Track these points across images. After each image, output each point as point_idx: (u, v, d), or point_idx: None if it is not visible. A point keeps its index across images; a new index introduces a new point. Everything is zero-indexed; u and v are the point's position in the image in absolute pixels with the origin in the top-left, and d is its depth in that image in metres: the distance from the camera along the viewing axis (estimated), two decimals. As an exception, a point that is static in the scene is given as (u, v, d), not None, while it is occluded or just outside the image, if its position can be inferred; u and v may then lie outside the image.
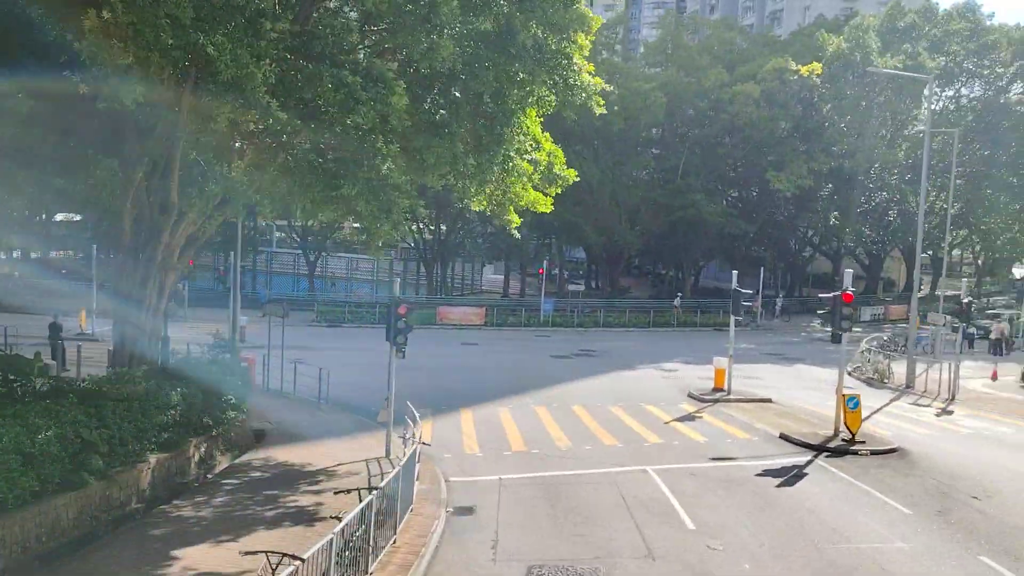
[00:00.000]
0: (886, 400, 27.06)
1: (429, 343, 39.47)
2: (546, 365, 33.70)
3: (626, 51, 56.30)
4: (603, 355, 37.39)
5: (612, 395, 26.75)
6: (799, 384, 30.82)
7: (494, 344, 40.24)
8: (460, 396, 25.95)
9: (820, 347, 43.92)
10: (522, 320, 48.23)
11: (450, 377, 29.69)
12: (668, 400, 26.05)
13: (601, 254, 60.28)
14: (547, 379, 29.72)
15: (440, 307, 47.63)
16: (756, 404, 25.28)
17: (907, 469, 17.14)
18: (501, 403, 25.05)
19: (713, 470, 17.23)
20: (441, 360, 34.01)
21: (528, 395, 26.49)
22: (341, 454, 18.68)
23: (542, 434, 20.88)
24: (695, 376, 31.56)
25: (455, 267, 62.20)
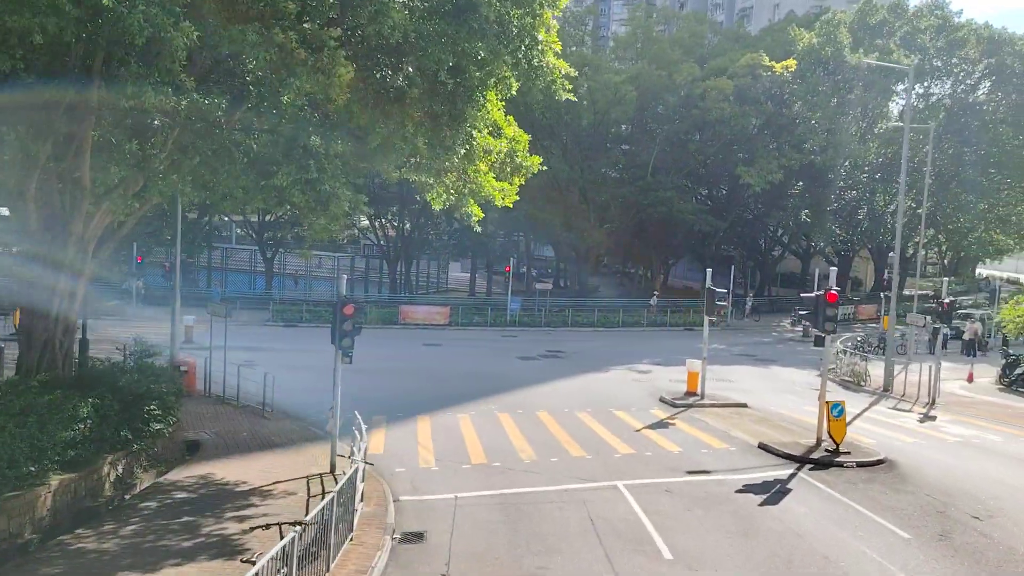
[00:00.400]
0: (865, 404, 25.94)
1: (390, 344, 37.67)
2: (512, 367, 32.12)
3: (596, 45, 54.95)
4: (571, 356, 35.92)
5: (580, 400, 25.26)
6: (773, 387, 29.65)
7: (458, 345, 38.56)
8: (419, 401, 24.28)
9: (792, 348, 43.04)
10: (488, 320, 46.60)
11: (409, 380, 27.97)
12: (639, 405, 24.63)
13: (570, 252, 58.86)
14: (512, 382, 28.14)
15: (402, 306, 45.80)
16: (731, 409, 23.96)
17: (898, 484, 15.84)
18: (462, 409, 23.41)
19: (689, 486, 15.77)
20: (401, 362, 32.27)
21: (491, 400, 24.88)
22: (281, 470, 16.88)
23: (505, 444, 19.28)
24: (667, 378, 30.22)
25: (420, 265, 60.33)
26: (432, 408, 23.47)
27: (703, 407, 24.16)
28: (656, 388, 27.76)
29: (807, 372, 33.95)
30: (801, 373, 33.56)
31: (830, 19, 54.71)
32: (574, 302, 52.71)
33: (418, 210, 52.09)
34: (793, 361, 37.19)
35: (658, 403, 25.03)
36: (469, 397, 25.22)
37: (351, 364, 17.55)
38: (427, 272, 62.37)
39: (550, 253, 78.40)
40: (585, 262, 58.18)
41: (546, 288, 51.59)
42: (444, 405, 23.92)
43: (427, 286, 61.52)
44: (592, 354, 36.97)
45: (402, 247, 53.21)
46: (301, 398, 23.93)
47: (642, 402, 25.18)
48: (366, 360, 33.50)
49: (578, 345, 39.98)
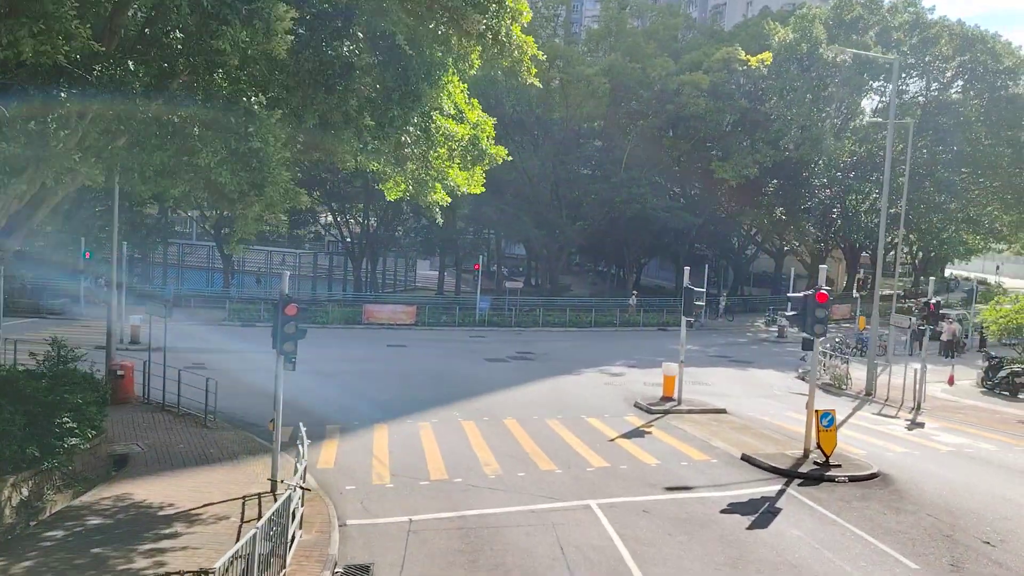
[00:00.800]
0: (848, 410, 24.74)
1: (351, 345, 35.84)
2: (479, 370, 30.50)
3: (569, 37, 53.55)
4: (542, 358, 34.40)
5: (550, 405, 23.73)
6: (751, 391, 28.38)
7: (424, 346, 36.85)
8: (378, 408, 22.59)
9: (768, 349, 42.00)
10: (456, 319, 44.93)
11: (369, 384, 26.23)
12: (613, 411, 23.16)
13: (542, 250, 57.42)
14: (479, 386, 26.54)
15: (366, 305, 43.94)
16: (710, 416, 22.59)
17: (896, 502, 14.52)
18: (424, 416, 21.76)
19: (670, 505, 14.30)
20: (362, 364, 30.50)
21: (456, 406, 23.25)
22: (216, 488, 15.09)
23: (468, 457, 17.67)
24: (641, 382, 28.84)
25: (386, 262, 58.45)
26: (391, 415, 21.80)
27: (680, 413, 22.76)
28: (630, 392, 26.35)
29: (785, 374, 32.82)
30: (779, 375, 32.41)
31: (805, 14, 53.89)
32: (545, 301, 51.27)
33: (384, 205, 50.23)
34: (770, 362, 36.07)
35: (633, 409, 23.59)
36: (432, 403, 23.58)
37: (306, 368, 15.76)
38: (394, 270, 60.52)
39: (522, 251, 76.97)
40: (557, 260, 56.81)
41: (516, 287, 50.08)
42: (405, 412, 22.27)
43: (394, 284, 59.68)
44: (563, 355, 35.50)
45: (367, 244, 51.29)
46: (252, 404, 22.12)
47: (616, 408, 23.72)
48: (324, 362, 31.86)
49: (549, 346, 38.49)
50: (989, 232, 67.92)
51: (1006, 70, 55.19)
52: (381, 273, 57.84)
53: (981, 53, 55.78)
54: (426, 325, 43.77)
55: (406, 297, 51.34)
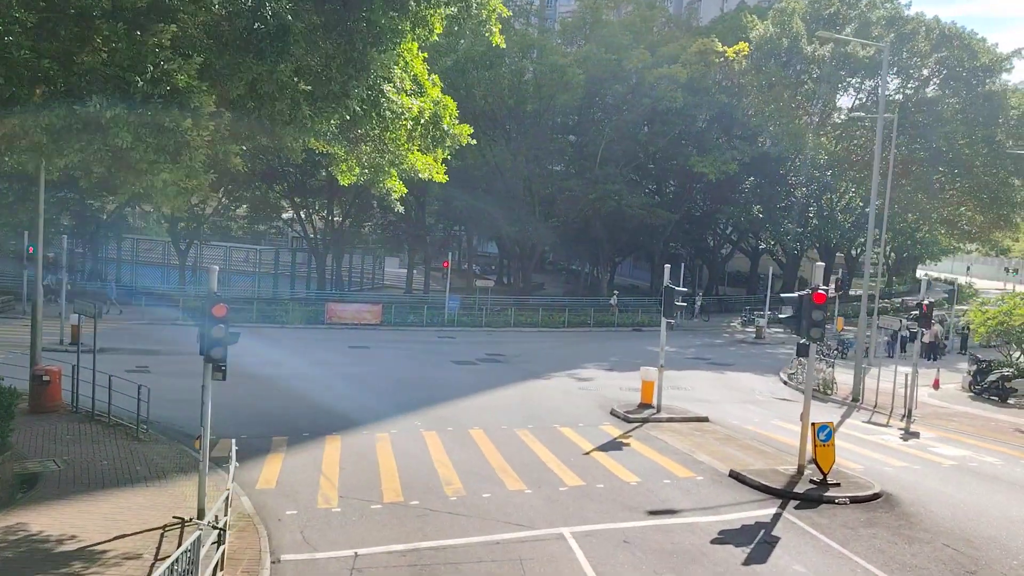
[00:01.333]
0: (836, 417, 23.32)
1: (311, 346, 33.79)
2: (446, 374, 28.66)
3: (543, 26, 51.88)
4: (513, 360, 32.65)
5: (521, 413, 21.98)
6: (733, 396, 26.89)
7: (388, 347, 34.90)
8: (332, 417, 20.68)
9: (746, 350, 40.68)
10: (424, 319, 43.02)
11: (326, 390, 24.26)
12: (587, 419, 21.48)
13: (514, 248, 55.68)
14: (445, 392, 24.71)
15: (329, 304, 41.84)
16: (692, 425, 20.99)
17: (907, 528, 12.98)
18: (382, 426, 19.89)
19: (654, 533, 12.61)
20: (320, 368, 28.48)
21: (418, 414, 21.40)
22: (135, 516, 13.11)
23: (428, 474, 15.84)
24: (617, 386, 27.22)
25: (352, 260, 56.27)
26: (346, 425, 19.90)
27: (660, 422, 21.14)
28: (606, 398, 24.70)
29: (766, 378, 31.43)
30: (760, 379, 31.01)
31: (784, 8, 52.77)
32: (517, 301, 49.58)
33: (350, 199, 48.16)
34: (749, 365, 34.70)
35: (609, 417, 21.92)
36: (393, 411, 21.72)
37: (256, 373, 13.86)
38: (361, 268, 58.35)
39: (494, 250, 75.18)
40: (530, 259, 55.11)
41: (487, 285, 48.29)
42: (361, 421, 20.38)
43: (361, 283, 57.52)
44: (535, 357, 33.80)
45: (332, 240, 49.12)
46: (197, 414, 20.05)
47: (591, 416, 22.04)
48: (280, 366, 29.65)
49: (521, 347, 36.77)
50: (963, 233, 67.55)
51: (982, 67, 54.57)
52: (347, 271, 55.68)
53: (958, 50, 55.11)
54: (392, 325, 41.80)
55: (372, 296, 49.29)
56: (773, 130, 51.27)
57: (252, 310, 40.60)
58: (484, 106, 46.65)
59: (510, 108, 47.50)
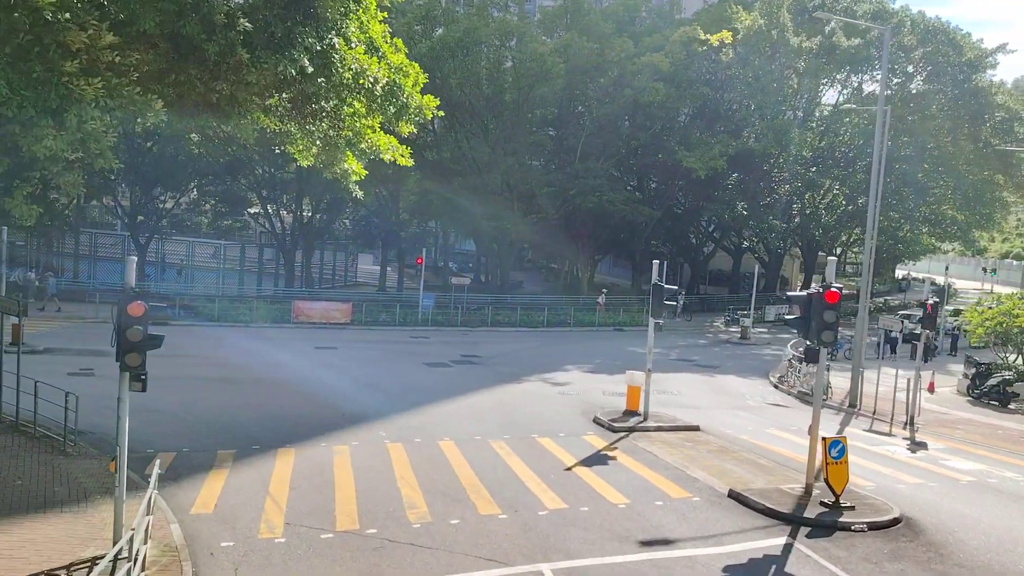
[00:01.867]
0: (835, 425, 21.78)
1: (275, 347, 31.73)
2: (417, 377, 26.77)
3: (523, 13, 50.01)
4: (489, 362, 30.84)
5: (496, 421, 20.17)
6: (722, 401, 25.28)
7: (357, 348, 32.94)
8: (288, 426, 18.75)
9: (731, 351, 39.17)
10: (397, 318, 41.06)
11: (283, 396, 22.29)
12: (569, 428, 19.72)
13: (492, 245, 53.79)
14: (414, 397, 22.84)
15: (296, 302, 39.73)
16: (682, 434, 19.30)
17: (937, 561, 11.35)
18: (343, 437, 18.00)
19: (648, 570, 10.86)
20: (280, 371, 26.46)
21: (384, 423, 19.53)
22: (36, 550, 11.13)
23: (389, 495, 14.00)
24: (599, 390, 25.51)
25: (324, 256, 54.11)
26: (303, 436, 17.99)
27: (648, 431, 19.43)
28: (588, 404, 22.98)
29: (755, 381, 29.90)
30: (749, 383, 29.46)
31: (770, 0, 51.44)
32: (495, 299, 47.75)
33: (320, 193, 46.04)
34: (737, 367, 33.16)
35: (592, 426, 20.18)
36: (357, 419, 19.82)
37: (210, 375, 11.93)
38: (333, 264, 56.19)
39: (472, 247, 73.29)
40: (508, 256, 53.31)
41: (463, 283, 46.35)
42: (321, 431, 18.46)
43: (332, 280, 55.35)
44: (513, 359, 32.01)
45: (301, 235, 46.94)
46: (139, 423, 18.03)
47: (572, 424, 20.28)
48: (234, 368, 27.65)
49: (498, 348, 34.96)
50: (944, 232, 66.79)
51: (967, 63, 53.65)
52: (318, 267, 53.51)
53: (943, 45, 54.18)
54: (363, 324, 39.79)
55: (342, 293, 47.19)
56: (758, 125, 49.89)
57: (214, 308, 38.41)
58: (460, 96, 44.75)
59: (488, 98, 45.65)
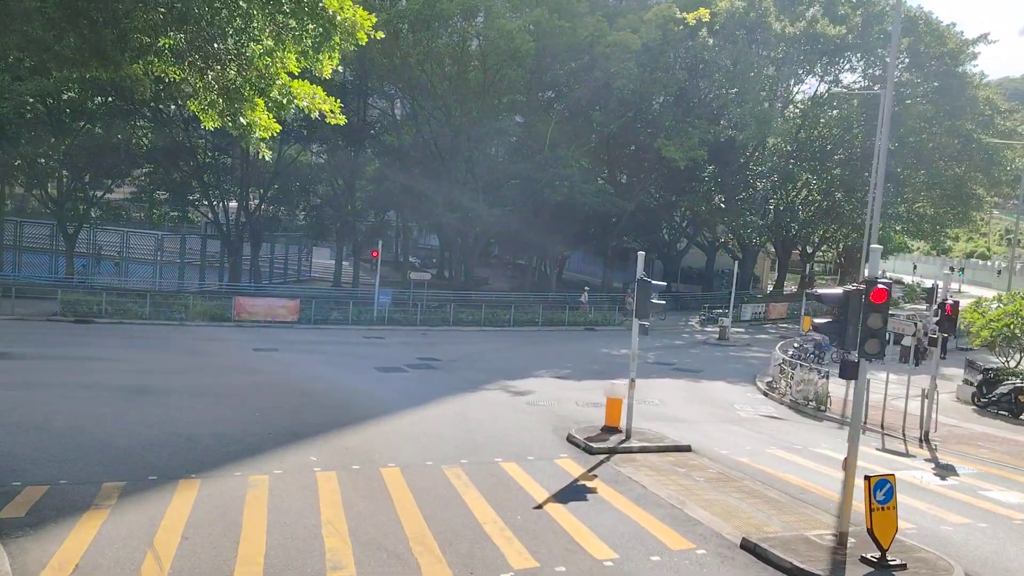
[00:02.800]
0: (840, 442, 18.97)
1: (207, 349, 28.24)
2: (365, 384, 23.52)
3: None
4: (449, 366, 27.71)
5: (453, 441, 17.05)
6: (711, 413, 22.46)
7: (302, 350, 29.58)
8: (201, 449, 15.43)
9: (711, 353, 36.53)
10: (350, 316, 37.70)
11: (206, 409, 18.92)
12: (539, 449, 16.68)
13: (455, 239, 50.57)
14: (359, 410, 19.63)
15: (237, 298, 36.13)
16: (672, 458, 16.37)
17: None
18: (264, 463, 14.74)
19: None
20: (207, 378, 23.01)
21: (318, 444, 16.29)
22: None
23: (309, 548, 10.80)
24: (572, 400, 22.54)
25: (274, 249, 50.40)
26: (217, 461, 14.70)
27: (632, 453, 16.47)
28: (560, 417, 19.98)
29: (742, 388, 27.19)
30: (737, 390, 26.73)
31: (751, -18, 48.97)
32: (458, 296, 44.61)
33: (267, 179, 42.44)
34: (720, 372, 30.48)
35: (566, 445, 17.16)
36: (285, 438, 16.55)
37: (118, 383, 8.58)
38: (285, 258, 52.49)
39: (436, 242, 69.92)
40: (472, 250, 50.11)
41: (423, 279, 43.14)
42: (240, 454, 15.19)
43: (284, 274, 51.68)
44: (476, 362, 28.93)
45: (246, 226, 43.21)
46: (11, 445, 14.79)
47: (543, 443, 17.23)
48: (150, 375, 22.76)
49: (459, 350, 31.86)
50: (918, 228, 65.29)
51: (949, 53, 51.85)
52: (268, 261, 49.80)
53: (925, 35, 52.35)
54: (311, 323, 36.38)
55: (293, 289, 43.62)
56: (738, 113, 47.38)
57: (145, 304, 34.68)
58: (421, 75, 41.47)
59: (451, 79, 42.39)
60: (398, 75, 41.75)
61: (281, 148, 43.43)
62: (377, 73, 42.11)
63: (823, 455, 17.51)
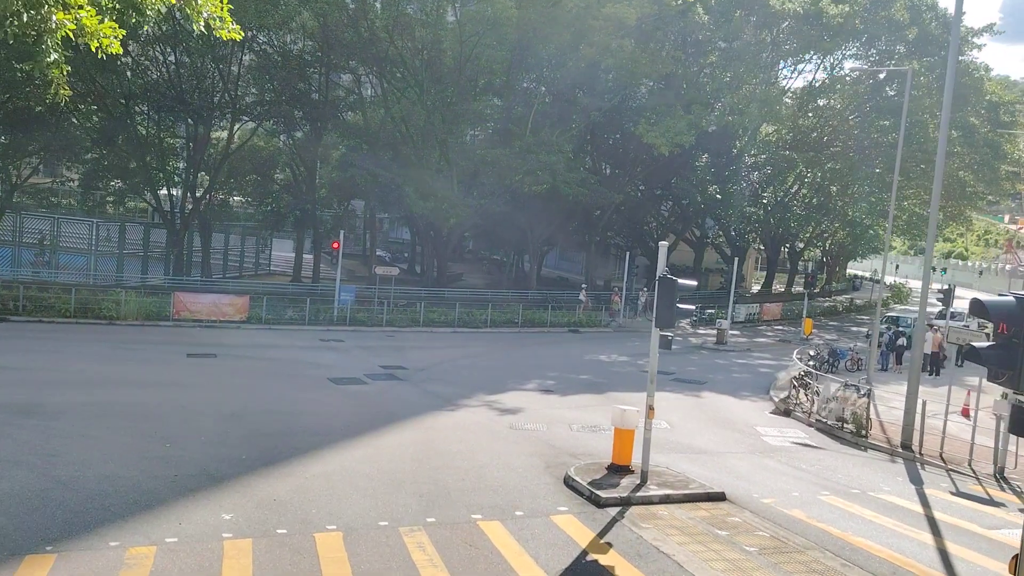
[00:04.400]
0: (899, 483, 15.36)
1: (133, 353, 23.84)
2: (313, 402, 19.40)
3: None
4: (416, 377, 23.68)
5: (417, 486, 13.08)
6: (731, 437, 18.70)
7: (246, 355, 25.36)
8: (75, 504, 11.36)
9: (711, 360, 32.77)
10: (307, 315, 33.44)
11: (100, 440, 14.71)
12: (529, 498, 12.77)
13: (428, 231, 46.39)
14: (300, 440, 15.56)
15: (178, 294, 31.71)
16: (705, 512, 12.55)
17: None
18: (156, 527, 10.67)
19: None
20: (117, 392, 18.67)
21: (238, 492, 12.24)
22: None
23: None
24: (563, 421, 18.69)
25: (230, 240, 45.88)
26: (87, 525, 10.63)
27: (651, 505, 12.63)
28: (552, 447, 16.12)
29: (757, 404, 23.49)
30: (751, 407, 23.01)
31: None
32: (430, 293, 40.54)
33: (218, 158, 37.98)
34: (726, 382, 26.80)
35: (563, 492, 13.27)
36: (194, 483, 12.49)
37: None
38: (241, 250, 47.96)
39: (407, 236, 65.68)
40: (446, 244, 45.99)
41: (390, 274, 39.00)
42: (122, 513, 11.11)
43: (240, 268, 47.17)
44: (449, 372, 24.93)
45: (193, 213, 38.67)
46: None
47: (534, 489, 13.31)
48: (59, 389, 17.96)
49: (430, 355, 27.85)
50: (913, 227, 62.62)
51: (956, 41, 48.72)
52: (223, 253, 45.25)
53: (931, 22, 49.27)
54: (262, 323, 32.10)
55: (244, 284, 39.19)
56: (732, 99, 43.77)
57: (70, 301, 30.17)
58: (390, 48, 37.28)
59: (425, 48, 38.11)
60: (367, 49, 37.51)
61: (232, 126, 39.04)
62: (342, 47, 37.83)
63: (892, 504, 13.80)
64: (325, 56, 38.35)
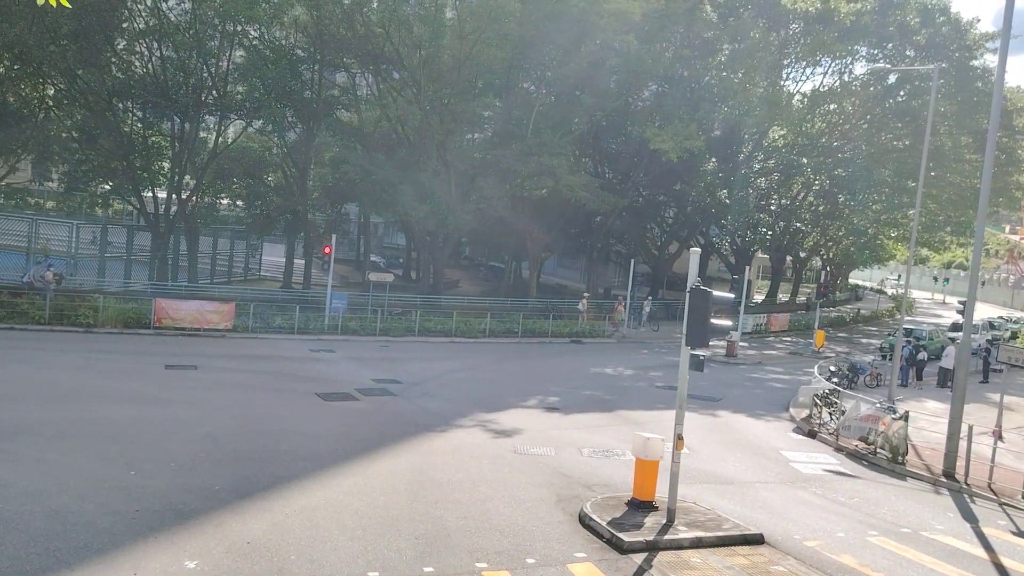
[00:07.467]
0: (953, 522, 13.78)
1: (107, 365, 22.06)
2: (298, 421, 17.72)
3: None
4: (410, 392, 22.02)
5: (411, 525, 11.42)
6: (757, 464, 17.09)
7: (228, 367, 23.66)
8: (13, 546, 9.76)
9: (723, 375, 31.17)
10: (296, 323, 31.76)
11: (54, 464, 13.04)
12: (541, 542, 11.13)
13: (424, 236, 44.76)
14: (281, 467, 13.90)
15: (159, 300, 29.98)
16: (744, 559, 10.93)
17: None
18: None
19: None
20: (83, 409, 16.93)
21: (206, 533, 10.57)
22: None
23: None
24: (572, 444, 17.06)
25: (218, 244, 44.14)
26: (29, 572, 8.96)
27: (682, 549, 11.00)
28: (562, 475, 14.50)
29: (778, 425, 21.90)
30: (772, 428, 21.43)
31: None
32: (425, 300, 38.90)
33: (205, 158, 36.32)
34: (742, 399, 25.21)
35: (579, 531, 11.64)
36: (156, 521, 10.84)
37: None
38: (230, 254, 46.20)
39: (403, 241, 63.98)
40: (443, 249, 44.34)
41: (384, 280, 37.36)
42: (67, 561, 9.46)
43: (228, 272, 45.40)
44: (445, 386, 23.28)
45: (178, 216, 36.94)
46: None
47: (545, 529, 11.66)
48: (14, 405, 15.80)
49: (426, 367, 26.20)
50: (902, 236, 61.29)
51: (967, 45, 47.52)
52: (211, 258, 43.51)
53: (943, 26, 47.99)
54: (249, 331, 30.42)
55: (231, 290, 37.45)
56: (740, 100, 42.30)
57: (44, 307, 28.44)
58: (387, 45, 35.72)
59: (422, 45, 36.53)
60: (361, 45, 35.95)
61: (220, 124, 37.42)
62: (336, 43, 36.25)
63: (951, 548, 12.20)
64: (318, 53, 36.76)
